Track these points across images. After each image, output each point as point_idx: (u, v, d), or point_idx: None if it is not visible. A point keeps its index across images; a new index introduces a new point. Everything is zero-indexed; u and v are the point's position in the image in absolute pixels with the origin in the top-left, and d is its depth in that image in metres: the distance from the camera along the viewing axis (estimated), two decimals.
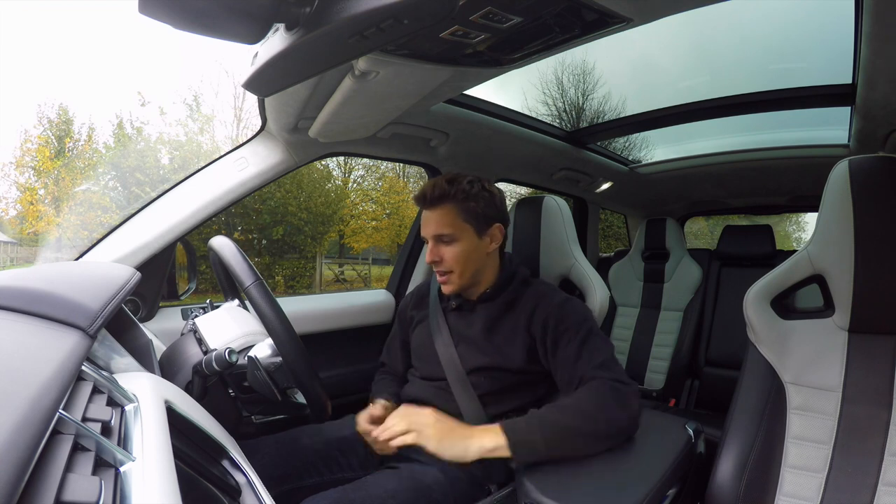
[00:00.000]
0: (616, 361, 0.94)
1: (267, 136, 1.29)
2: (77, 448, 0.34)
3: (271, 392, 0.80)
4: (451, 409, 1.03)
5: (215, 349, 0.79)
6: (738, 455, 0.91)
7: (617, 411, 0.85)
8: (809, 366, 0.90)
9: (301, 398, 0.85)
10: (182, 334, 0.94)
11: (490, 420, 0.95)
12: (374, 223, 13.07)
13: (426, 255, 1.05)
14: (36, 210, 10.61)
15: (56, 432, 0.34)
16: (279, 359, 0.79)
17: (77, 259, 1.12)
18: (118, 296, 0.60)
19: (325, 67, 0.73)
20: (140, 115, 14.86)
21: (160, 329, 1.14)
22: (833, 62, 1.29)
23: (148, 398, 0.48)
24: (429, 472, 0.90)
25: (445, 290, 1.06)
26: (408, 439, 0.84)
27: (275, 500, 0.55)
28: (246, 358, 0.80)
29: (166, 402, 0.50)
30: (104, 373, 0.49)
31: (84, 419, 0.38)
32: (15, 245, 11.58)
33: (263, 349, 0.81)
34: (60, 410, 0.34)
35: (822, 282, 0.92)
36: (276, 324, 0.75)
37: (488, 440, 0.83)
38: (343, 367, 1.49)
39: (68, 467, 0.32)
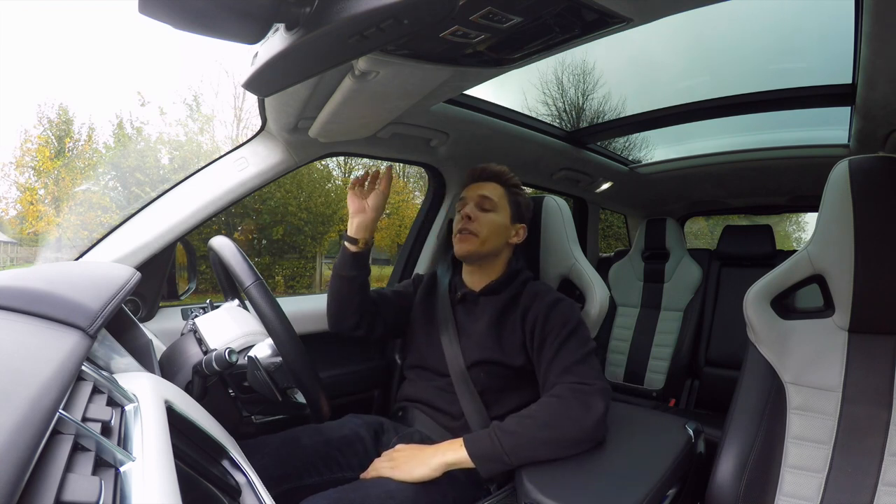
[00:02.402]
0: (587, 361, 0.95)
1: (267, 136, 1.29)
2: (77, 448, 0.34)
3: (271, 392, 0.80)
4: (453, 410, 1.03)
5: (215, 349, 0.79)
6: (738, 455, 0.91)
7: (578, 416, 0.86)
8: (809, 366, 0.90)
9: (301, 398, 0.85)
10: (182, 334, 0.94)
11: (492, 420, 0.96)
12: None
13: (464, 210, 1.08)
14: (36, 210, 10.61)
15: (56, 432, 0.34)
16: (279, 359, 0.79)
17: (77, 259, 1.12)
18: (118, 296, 0.60)
19: (325, 67, 0.73)
20: (140, 115, 14.83)
21: (160, 329, 1.14)
22: (833, 62, 1.29)
23: (148, 398, 0.48)
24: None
25: (459, 248, 1.08)
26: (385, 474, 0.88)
27: (275, 500, 0.55)
28: (246, 358, 0.80)
29: (166, 402, 0.50)
30: (104, 373, 0.48)
31: (84, 419, 0.38)
32: (15, 245, 11.57)
33: (263, 349, 0.80)
34: (60, 410, 0.34)
35: (822, 282, 0.92)
36: (276, 324, 0.75)
37: (451, 454, 0.87)
38: (343, 367, 1.49)
39: (68, 467, 0.32)
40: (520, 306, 1.05)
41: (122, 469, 0.36)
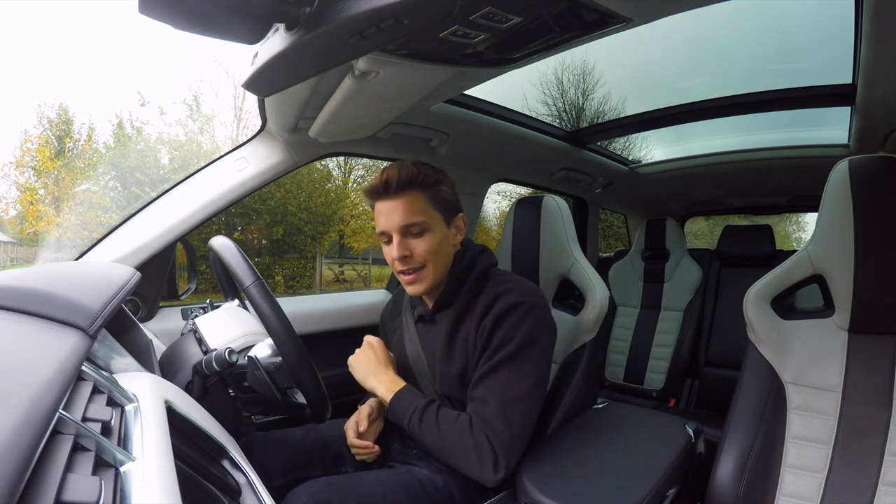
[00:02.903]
0: (509, 403, 0.84)
1: (267, 136, 1.29)
2: (77, 448, 0.34)
3: (271, 392, 0.80)
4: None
5: (215, 349, 0.79)
6: (738, 455, 0.90)
7: (465, 460, 0.84)
8: (809, 366, 0.90)
9: (301, 398, 0.85)
10: (182, 334, 0.94)
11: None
12: (373, 223, 13.00)
13: (393, 251, 0.92)
14: (36, 210, 10.61)
15: (56, 432, 0.34)
16: (279, 359, 0.79)
17: (77, 259, 1.12)
18: (118, 296, 0.60)
19: (325, 67, 0.73)
20: (140, 115, 14.84)
21: (160, 329, 1.14)
22: (833, 62, 1.29)
23: (148, 398, 0.48)
24: (426, 472, 0.91)
25: (414, 290, 0.95)
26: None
27: (274, 498, 0.55)
28: (246, 358, 0.80)
29: (166, 402, 0.50)
30: (104, 373, 0.49)
31: (84, 419, 0.38)
32: (15, 245, 11.58)
33: (263, 349, 0.81)
34: (60, 410, 0.34)
35: (822, 282, 0.92)
36: (276, 324, 0.75)
37: (382, 390, 0.94)
38: (343, 367, 1.48)
39: (68, 467, 0.32)
40: (477, 311, 0.92)
41: (122, 469, 0.36)
